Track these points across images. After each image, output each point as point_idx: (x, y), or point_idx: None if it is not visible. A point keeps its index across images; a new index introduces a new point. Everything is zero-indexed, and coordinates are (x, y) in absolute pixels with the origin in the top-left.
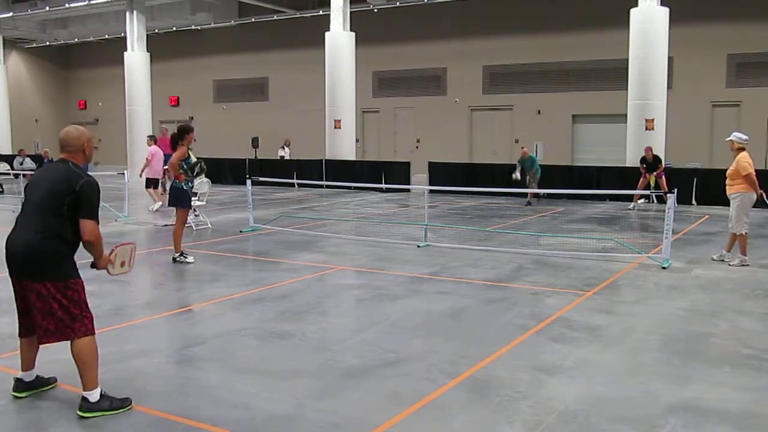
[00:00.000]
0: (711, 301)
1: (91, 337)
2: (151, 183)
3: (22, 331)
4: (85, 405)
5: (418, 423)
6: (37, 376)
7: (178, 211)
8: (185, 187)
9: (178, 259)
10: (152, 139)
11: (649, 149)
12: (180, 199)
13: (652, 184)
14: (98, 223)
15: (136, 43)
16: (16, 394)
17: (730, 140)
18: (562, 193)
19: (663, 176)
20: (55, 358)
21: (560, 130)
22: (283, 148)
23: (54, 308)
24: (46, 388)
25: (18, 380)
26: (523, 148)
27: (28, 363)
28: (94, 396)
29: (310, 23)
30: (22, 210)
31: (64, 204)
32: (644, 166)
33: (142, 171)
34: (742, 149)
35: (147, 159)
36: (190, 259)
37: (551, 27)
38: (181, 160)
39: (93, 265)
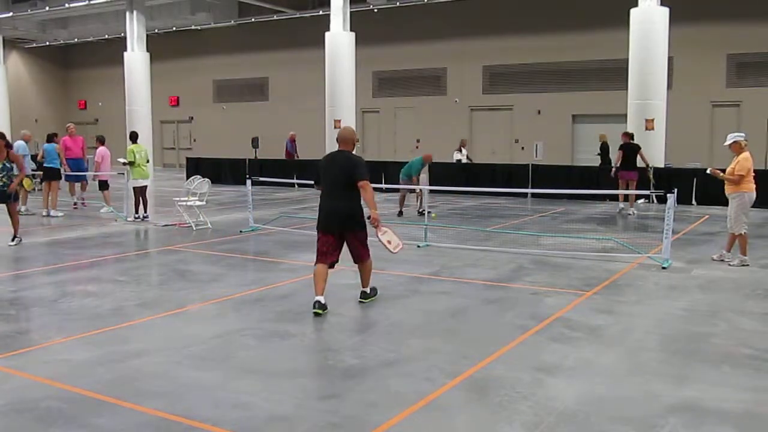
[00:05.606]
0: (711, 301)
1: (370, 260)
2: (104, 185)
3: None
4: (363, 294)
5: (418, 423)
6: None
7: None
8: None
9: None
10: (100, 141)
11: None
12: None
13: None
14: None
15: (136, 43)
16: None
17: (736, 142)
18: (562, 193)
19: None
20: (55, 358)
21: (560, 130)
22: (460, 150)
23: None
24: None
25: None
26: (417, 146)
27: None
28: (368, 288)
29: (310, 23)
30: (324, 186)
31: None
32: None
33: (94, 175)
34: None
35: (96, 162)
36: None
37: (551, 27)
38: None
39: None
